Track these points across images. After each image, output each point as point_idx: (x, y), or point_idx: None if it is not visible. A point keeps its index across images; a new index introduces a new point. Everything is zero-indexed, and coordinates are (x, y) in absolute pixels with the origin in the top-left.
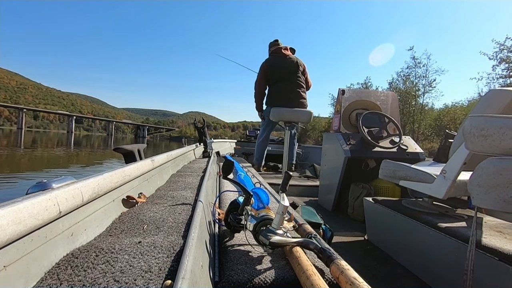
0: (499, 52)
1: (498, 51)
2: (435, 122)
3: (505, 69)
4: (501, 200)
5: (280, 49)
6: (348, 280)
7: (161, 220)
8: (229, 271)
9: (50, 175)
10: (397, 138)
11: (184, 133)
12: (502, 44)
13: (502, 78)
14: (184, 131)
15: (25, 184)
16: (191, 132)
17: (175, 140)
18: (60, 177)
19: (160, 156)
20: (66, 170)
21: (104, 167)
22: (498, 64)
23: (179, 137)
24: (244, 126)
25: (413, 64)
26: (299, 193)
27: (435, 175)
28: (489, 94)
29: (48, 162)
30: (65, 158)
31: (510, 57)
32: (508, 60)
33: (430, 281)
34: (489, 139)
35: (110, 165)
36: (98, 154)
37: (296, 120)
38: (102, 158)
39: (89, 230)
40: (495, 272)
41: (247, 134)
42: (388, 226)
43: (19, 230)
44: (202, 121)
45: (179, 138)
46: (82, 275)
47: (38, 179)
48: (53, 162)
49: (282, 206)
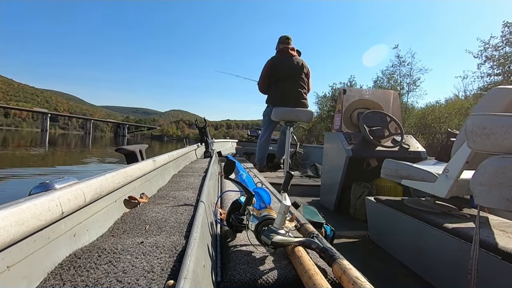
0: (484, 51)
1: (483, 49)
2: (419, 120)
3: (490, 68)
4: (504, 198)
5: (287, 49)
6: (350, 280)
7: (163, 220)
8: (231, 271)
9: (52, 176)
10: (398, 137)
11: (166, 132)
12: (487, 43)
13: (487, 76)
14: (166, 130)
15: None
16: (173, 131)
17: (157, 139)
18: (62, 178)
19: (162, 157)
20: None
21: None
22: (483, 62)
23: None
24: (228, 125)
25: (398, 63)
26: (300, 193)
27: (437, 174)
28: (492, 93)
29: (21, 162)
30: (39, 158)
31: (495, 55)
32: (493, 58)
33: (433, 281)
34: (492, 138)
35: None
36: (75, 154)
37: (298, 120)
38: (80, 158)
39: (91, 230)
40: (498, 271)
41: (249, 134)
42: (390, 226)
43: (22, 231)
44: (203, 121)
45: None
46: (85, 276)
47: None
48: (26, 162)
49: (284, 206)
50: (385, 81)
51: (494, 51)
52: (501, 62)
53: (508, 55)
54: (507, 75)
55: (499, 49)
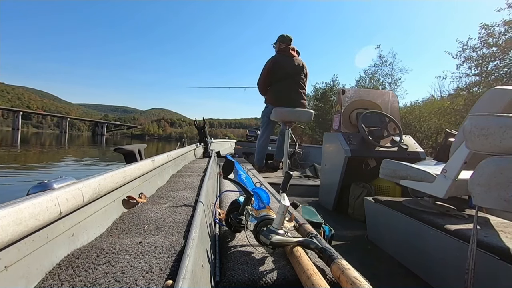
0: (462, 52)
1: (462, 50)
2: (400, 119)
3: (468, 68)
4: (502, 199)
5: (288, 49)
6: (349, 280)
7: (162, 220)
8: (230, 271)
9: (50, 175)
10: (397, 137)
11: (147, 131)
12: (465, 44)
13: (465, 77)
14: (147, 129)
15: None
16: (154, 130)
17: (138, 138)
18: (61, 178)
19: (161, 156)
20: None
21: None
22: (462, 63)
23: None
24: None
25: (380, 62)
26: (299, 193)
27: (435, 175)
28: (490, 93)
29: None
30: (11, 158)
31: (473, 56)
32: (471, 59)
33: (431, 280)
34: (490, 138)
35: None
36: (50, 154)
37: (297, 120)
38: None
39: (90, 230)
40: (496, 271)
41: (247, 134)
42: (388, 226)
43: (20, 230)
44: (202, 121)
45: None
46: (83, 276)
47: None
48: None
49: (282, 206)
50: (367, 81)
51: (472, 52)
52: (479, 63)
53: (486, 56)
54: (485, 76)
55: (477, 50)
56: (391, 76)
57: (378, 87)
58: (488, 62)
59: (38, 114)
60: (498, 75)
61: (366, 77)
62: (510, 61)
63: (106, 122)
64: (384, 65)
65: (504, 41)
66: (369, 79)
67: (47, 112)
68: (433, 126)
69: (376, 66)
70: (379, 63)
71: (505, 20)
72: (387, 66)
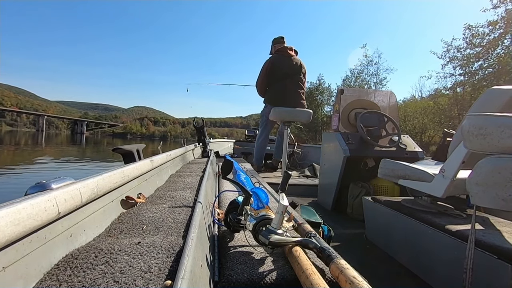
0: (447, 52)
1: (446, 51)
2: None
3: (453, 68)
4: (500, 198)
5: (285, 48)
6: (347, 279)
7: (161, 220)
8: (229, 271)
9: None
10: (396, 137)
11: (129, 129)
12: (450, 44)
13: (449, 77)
14: (129, 127)
15: None
16: (137, 128)
17: (119, 136)
18: (59, 178)
19: (159, 156)
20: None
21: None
22: (447, 63)
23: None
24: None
25: (366, 62)
26: (298, 193)
27: (434, 174)
28: (488, 93)
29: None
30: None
31: (457, 56)
32: (456, 59)
33: (429, 280)
34: (488, 138)
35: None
36: (26, 153)
37: (296, 120)
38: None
39: (88, 231)
40: (494, 270)
41: (246, 133)
42: (387, 225)
43: (18, 231)
44: (201, 121)
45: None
46: (82, 276)
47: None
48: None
49: (281, 206)
50: (353, 80)
51: (456, 52)
52: (464, 63)
53: (471, 56)
54: (469, 76)
55: (461, 50)
56: (376, 76)
57: (363, 86)
58: (473, 62)
59: (13, 112)
60: (482, 75)
61: (352, 76)
62: (494, 61)
63: (86, 120)
64: (370, 64)
65: (489, 42)
66: (355, 78)
67: (23, 109)
68: (418, 126)
69: (362, 66)
70: (365, 63)
71: (490, 21)
72: (372, 65)
